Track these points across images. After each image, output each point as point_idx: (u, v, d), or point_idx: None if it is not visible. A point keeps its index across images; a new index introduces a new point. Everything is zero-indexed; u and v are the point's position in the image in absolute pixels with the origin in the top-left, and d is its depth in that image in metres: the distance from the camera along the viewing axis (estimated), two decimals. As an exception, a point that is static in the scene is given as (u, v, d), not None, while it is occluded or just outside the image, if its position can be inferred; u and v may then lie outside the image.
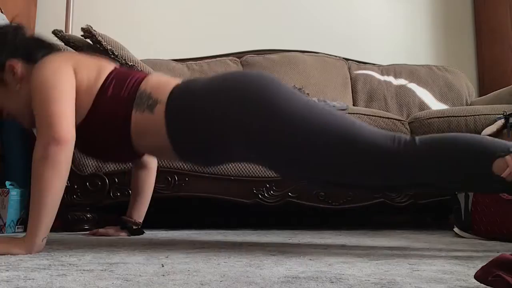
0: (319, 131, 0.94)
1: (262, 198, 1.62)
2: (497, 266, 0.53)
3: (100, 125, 1.06)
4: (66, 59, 1.07)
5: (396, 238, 1.33)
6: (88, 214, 1.59)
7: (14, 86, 1.07)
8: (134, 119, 1.04)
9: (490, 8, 2.77)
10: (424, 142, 0.93)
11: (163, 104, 1.02)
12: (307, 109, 0.96)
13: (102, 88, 1.05)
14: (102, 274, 0.66)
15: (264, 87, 0.98)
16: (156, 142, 1.06)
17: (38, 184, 0.91)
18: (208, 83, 1.05)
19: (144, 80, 1.08)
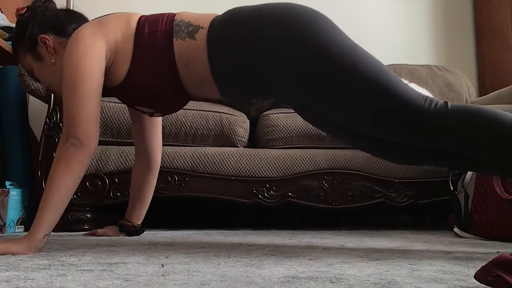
0: (360, 70, 0.93)
1: (262, 198, 1.62)
2: (497, 266, 0.53)
3: (147, 66, 1.05)
4: (95, 29, 1.06)
5: (396, 238, 1.33)
6: (88, 214, 1.58)
7: (49, 59, 1.11)
8: (176, 47, 1.03)
9: (490, 8, 2.77)
10: (456, 109, 0.92)
11: (206, 29, 1.02)
12: (352, 47, 0.96)
13: (137, 31, 1.06)
14: (102, 274, 0.66)
15: (309, 18, 0.97)
16: (199, 71, 1.03)
17: (51, 180, 0.94)
18: (254, 10, 1.02)
19: (178, 14, 1.08)
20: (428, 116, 0.91)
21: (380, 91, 0.92)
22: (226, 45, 1.01)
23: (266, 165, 1.65)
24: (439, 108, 0.91)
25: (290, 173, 1.65)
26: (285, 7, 1.01)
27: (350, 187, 1.66)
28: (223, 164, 1.63)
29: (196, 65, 1.03)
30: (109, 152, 1.61)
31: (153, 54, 1.04)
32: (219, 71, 1.03)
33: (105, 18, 1.13)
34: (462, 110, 0.92)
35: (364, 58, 0.95)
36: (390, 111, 0.93)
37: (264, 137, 1.87)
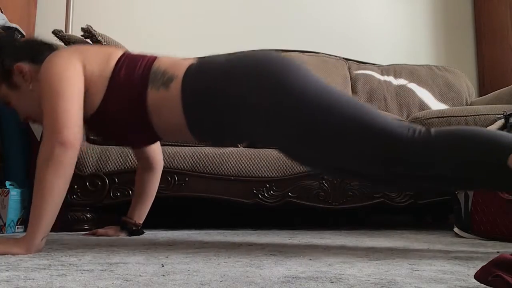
0: (335, 112, 0.93)
1: (262, 198, 1.62)
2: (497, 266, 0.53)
3: (118, 108, 1.05)
4: (73, 53, 1.06)
5: (396, 238, 1.33)
6: (88, 214, 1.58)
7: (27, 88, 1.09)
8: (150, 96, 1.03)
9: (490, 8, 2.77)
10: (439, 133, 0.92)
11: (179, 80, 1.01)
12: (325, 91, 0.95)
13: (114, 72, 1.05)
14: (102, 274, 0.66)
15: (282, 66, 0.98)
16: (172, 119, 1.04)
17: (40, 185, 0.91)
18: (226, 61, 1.03)
19: (157, 60, 1.07)
20: (413, 146, 0.91)
21: (361, 130, 0.92)
22: (201, 99, 1.01)
23: (266, 165, 1.65)
24: (422, 136, 0.91)
25: (290, 173, 1.65)
26: (257, 58, 1.02)
27: (350, 187, 1.66)
28: (223, 164, 1.63)
29: (170, 115, 1.03)
30: (109, 152, 1.61)
31: (125, 99, 1.04)
32: (194, 122, 1.04)
33: (85, 47, 1.13)
34: (445, 134, 0.92)
35: (339, 99, 0.95)
36: (374, 147, 0.93)
37: (264, 137, 1.87)
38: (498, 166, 0.88)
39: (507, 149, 0.88)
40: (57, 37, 1.69)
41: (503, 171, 0.88)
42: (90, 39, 1.66)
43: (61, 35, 1.69)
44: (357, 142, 0.93)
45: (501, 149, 0.88)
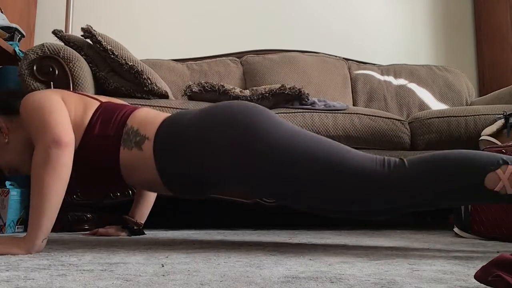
0: (306, 159, 0.94)
1: (262, 198, 1.62)
2: (497, 266, 0.53)
3: (90, 163, 1.07)
4: (53, 91, 1.09)
5: (396, 238, 1.33)
6: (88, 214, 1.58)
7: (3, 140, 1.09)
8: (123, 156, 1.05)
9: (490, 8, 2.78)
10: (413, 163, 0.92)
11: (151, 140, 1.03)
12: (294, 137, 0.97)
13: (89, 126, 1.06)
14: (102, 274, 0.66)
15: (249, 118, 0.99)
16: (146, 177, 1.07)
17: (38, 187, 0.90)
18: (194, 118, 1.05)
19: (131, 116, 1.08)
20: (387, 180, 0.91)
21: (335, 171, 0.93)
22: (174, 157, 1.03)
23: (266, 165, 1.64)
24: (396, 168, 0.92)
25: (290, 173, 1.65)
26: (228, 110, 1.03)
27: (350, 187, 1.65)
28: (223, 164, 1.63)
29: (144, 173, 1.06)
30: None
31: (98, 156, 1.06)
32: (170, 180, 1.07)
33: (64, 91, 1.14)
34: (420, 163, 0.92)
35: (312, 142, 0.96)
36: (352, 187, 0.93)
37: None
38: (476, 188, 0.89)
39: (482, 171, 0.88)
40: (57, 37, 1.69)
41: (482, 192, 0.89)
42: (90, 39, 1.66)
43: (61, 35, 1.69)
44: (332, 184, 0.94)
45: (476, 172, 0.89)
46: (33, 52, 1.54)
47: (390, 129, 1.73)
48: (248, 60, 2.42)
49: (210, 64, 2.38)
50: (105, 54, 1.65)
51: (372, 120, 1.72)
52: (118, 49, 1.67)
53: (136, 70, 1.66)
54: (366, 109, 1.81)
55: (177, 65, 2.33)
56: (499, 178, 0.87)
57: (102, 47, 1.64)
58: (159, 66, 2.22)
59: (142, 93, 1.69)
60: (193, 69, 2.33)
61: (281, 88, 1.72)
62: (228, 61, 2.42)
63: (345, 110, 1.73)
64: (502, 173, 0.87)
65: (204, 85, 1.75)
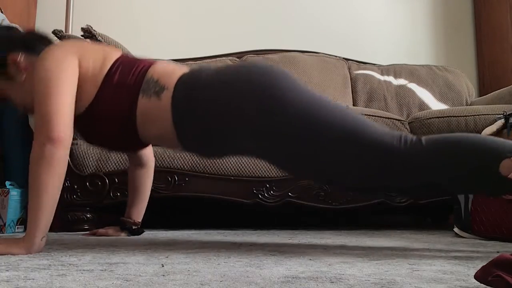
0: (325, 125, 0.93)
1: (262, 198, 1.62)
2: (497, 266, 0.53)
3: (106, 112, 1.05)
4: (70, 48, 1.06)
5: (396, 238, 1.33)
6: (88, 214, 1.59)
7: (21, 78, 1.09)
8: (140, 105, 1.03)
9: (490, 8, 2.77)
10: (431, 142, 0.92)
11: (170, 91, 1.02)
12: (315, 103, 0.95)
13: (108, 75, 1.05)
14: (102, 274, 0.66)
15: (271, 79, 0.97)
16: (161, 129, 1.05)
17: (35, 184, 0.91)
18: (216, 73, 1.03)
19: (151, 67, 1.07)
20: (405, 156, 0.91)
21: (353, 143, 0.92)
22: (190, 110, 1.01)
23: (266, 165, 1.65)
24: (413, 145, 0.91)
25: (290, 173, 1.65)
26: (248, 69, 1.02)
27: (350, 187, 1.66)
28: (223, 164, 1.63)
29: (160, 124, 1.04)
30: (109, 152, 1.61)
31: (115, 104, 1.04)
32: (183, 133, 1.04)
33: (82, 43, 1.12)
34: (437, 142, 0.92)
35: (330, 112, 0.95)
36: (367, 160, 0.92)
37: (264, 137, 1.87)
38: (490, 173, 0.89)
39: (498, 156, 0.88)
40: (57, 37, 1.69)
41: (496, 178, 0.88)
42: (90, 39, 1.66)
43: (61, 35, 1.69)
44: (348, 156, 0.93)
45: (492, 157, 0.89)
46: (33, 52, 1.54)
47: (390, 129, 1.73)
48: (248, 60, 2.42)
49: (210, 64, 2.38)
50: (105, 54, 1.64)
51: (372, 120, 1.72)
52: (118, 49, 1.67)
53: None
54: (366, 109, 1.81)
55: (177, 65, 2.33)
56: None
57: (102, 47, 1.64)
58: (159, 66, 2.22)
59: (142, 93, 1.69)
60: (193, 69, 2.33)
61: (281, 88, 1.72)
62: (228, 61, 2.42)
63: (345, 110, 1.73)
64: None
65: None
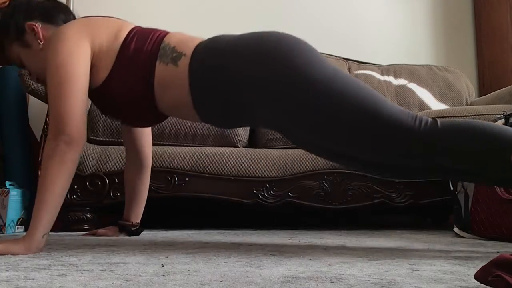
0: (343, 98, 0.92)
1: (262, 198, 1.62)
2: (497, 266, 0.53)
3: (124, 80, 1.05)
4: (82, 28, 1.06)
5: (396, 238, 1.33)
6: (88, 214, 1.59)
7: (37, 46, 1.11)
8: (158, 71, 1.03)
9: (490, 8, 2.77)
10: (446, 125, 0.92)
11: (188, 58, 1.01)
12: (334, 75, 0.94)
13: (124, 44, 1.05)
14: (102, 274, 0.66)
15: (291, 48, 0.96)
16: (178, 97, 1.04)
17: (44, 179, 0.93)
18: (235, 40, 1.02)
19: (168, 35, 1.07)
20: (420, 136, 0.91)
21: (369, 116, 0.91)
22: (208, 78, 1.00)
23: (266, 165, 1.65)
24: (429, 127, 0.91)
25: (290, 173, 1.65)
26: (264, 38, 1.00)
27: (350, 187, 1.66)
28: (223, 164, 1.63)
29: (176, 92, 1.03)
30: (109, 152, 1.61)
31: (133, 72, 1.04)
32: (201, 101, 1.03)
33: (95, 20, 1.12)
34: (452, 126, 0.92)
35: (348, 86, 0.94)
36: (381, 135, 0.92)
37: (264, 137, 1.87)
38: (503, 162, 0.88)
39: (510, 145, 0.88)
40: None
41: (506, 165, 0.88)
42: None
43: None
44: (363, 130, 0.93)
45: (505, 144, 0.88)
46: (33, 52, 1.54)
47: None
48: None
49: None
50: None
51: (372, 120, 1.72)
52: (118, 49, 1.66)
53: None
54: (366, 109, 1.80)
55: (177, 65, 2.33)
56: None
57: (102, 47, 1.64)
58: (159, 66, 2.22)
59: (142, 93, 1.69)
60: (193, 69, 2.33)
61: (281, 88, 1.72)
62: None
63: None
64: None
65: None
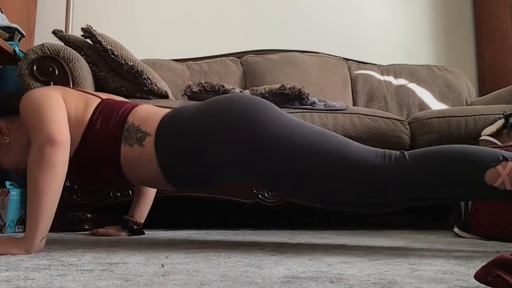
0: (308, 151, 0.94)
1: (262, 198, 1.62)
2: (497, 266, 0.53)
3: (91, 159, 1.07)
4: (53, 89, 1.08)
5: (396, 238, 1.33)
6: (88, 214, 1.58)
7: (5, 142, 1.09)
8: (124, 153, 1.04)
9: (490, 8, 2.77)
10: (414, 157, 0.93)
11: (153, 137, 1.03)
12: (296, 130, 0.97)
13: (90, 122, 1.06)
14: (102, 274, 0.66)
15: (251, 110, 0.99)
16: (148, 173, 1.06)
17: (34, 187, 0.90)
18: (195, 111, 1.04)
19: (132, 112, 1.08)
20: (388, 172, 0.92)
21: (340, 164, 0.93)
22: (175, 152, 1.02)
23: (266, 165, 1.65)
24: (397, 161, 0.92)
25: (290, 173, 1.65)
26: (228, 102, 1.02)
27: (350, 187, 1.65)
28: (223, 164, 1.63)
29: (146, 169, 1.05)
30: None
31: (99, 152, 1.06)
32: (172, 175, 1.06)
33: (63, 87, 1.13)
34: (421, 157, 0.93)
35: (312, 136, 0.96)
36: (350, 180, 0.94)
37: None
38: (477, 184, 0.90)
39: (482, 166, 0.89)
40: (57, 37, 1.69)
41: (482, 187, 0.89)
42: (90, 39, 1.66)
43: (61, 35, 1.69)
44: (332, 177, 0.94)
45: (476, 167, 0.90)
46: (33, 52, 1.54)
47: (390, 129, 1.73)
48: (248, 60, 2.42)
49: (210, 64, 2.38)
50: (105, 54, 1.65)
51: (372, 120, 1.72)
52: (118, 49, 1.67)
53: (136, 70, 1.66)
54: (366, 109, 1.81)
55: (177, 65, 2.33)
56: (498, 174, 0.88)
57: (102, 47, 1.64)
58: (159, 66, 2.22)
59: (142, 93, 1.69)
60: (193, 69, 2.33)
61: (281, 88, 1.72)
62: (228, 61, 2.42)
63: (345, 110, 1.73)
64: (502, 169, 0.88)
65: (204, 85, 1.75)
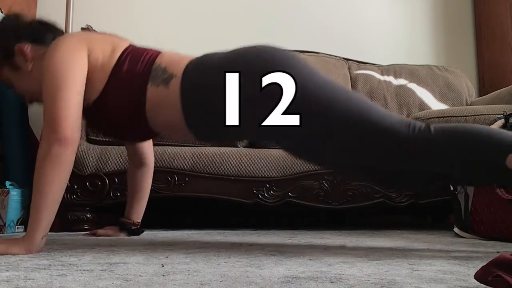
0: (335, 107, 0.93)
1: (262, 198, 1.62)
2: (497, 266, 0.53)
3: (116, 100, 1.05)
4: (80, 39, 1.06)
5: (396, 238, 1.33)
6: (88, 214, 1.59)
7: (27, 68, 1.09)
8: (149, 93, 1.03)
9: (490, 8, 2.77)
10: (439, 130, 0.92)
11: (178, 78, 1.02)
12: (325, 85, 0.96)
13: (117, 64, 1.05)
14: (102, 274, 0.66)
15: (280, 60, 0.97)
16: (170, 117, 1.04)
17: (39, 182, 0.91)
18: (223, 57, 1.03)
19: (159, 56, 1.07)
20: (413, 142, 0.91)
21: (363, 125, 0.93)
22: (199, 97, 1.01)
23: (266, 165, 1.65)
24: (422, 132, 0.92)
25: (290, 173, 1.65)
26: (256, 53, 1.01)
27: (350, 187, 1.66)
28: (223, 164, 1.63)
29: (169, 112, 1.04)
30: (109, 152, 1.61)
31: (125, 93, 1.05)
32: (193, 120, 1.04)
33: (92, 34, 1.13)
34: (445, 131, 0.93)
35: (340, 94, 0.95)
36: (375, 143, 0.93)
37: (264, 137, 1.87)
38: (497, 166, 0.89)
39: (506, 149, 0.88)
40: (57, 37, 1.69)
41: (502, 170, 0.88)
42: (90, 39, 1.66)
43: (61, 35, 1.69)
44: (356, 138, 0.94)
45: (500, 149, 0.89)
46: (33, 52, 1.54)
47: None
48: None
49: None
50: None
51: (372, 120, 1.72)
52: (118, 49, 1.66)
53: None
54: (366, 109, 1.80)
55: (177, 65, 2.33)
56: None
57: (102, 47, 1.63)
58: (159, 66, 2.22)
59: (142, 93, 1.69)
60: (193, 69, 2.33)
61: (281, 88, 1.72)
62: (228, 61, 2.41)
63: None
64: None
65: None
